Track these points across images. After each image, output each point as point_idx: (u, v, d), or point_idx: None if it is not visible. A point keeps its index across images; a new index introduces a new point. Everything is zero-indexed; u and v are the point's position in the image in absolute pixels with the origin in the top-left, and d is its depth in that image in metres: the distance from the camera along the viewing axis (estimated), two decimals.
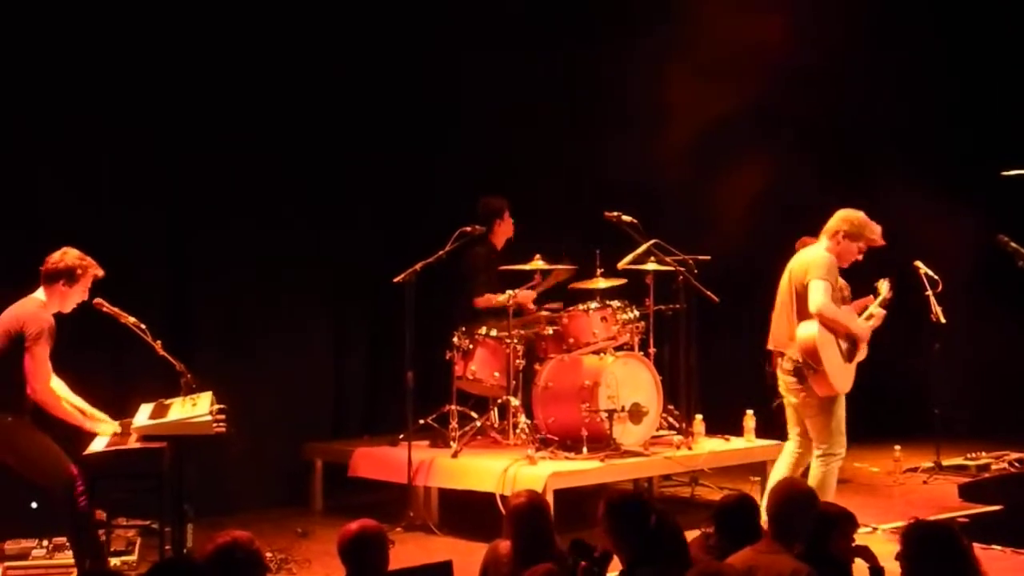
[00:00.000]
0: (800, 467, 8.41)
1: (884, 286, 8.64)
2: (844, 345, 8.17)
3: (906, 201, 11.52)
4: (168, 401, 7.53)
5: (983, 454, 10.97)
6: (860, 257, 8.24)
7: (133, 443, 7.18)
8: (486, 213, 10.00)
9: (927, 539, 4.96)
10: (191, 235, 9.91)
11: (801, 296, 8.13)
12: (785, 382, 8.28)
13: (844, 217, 8.21)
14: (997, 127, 12.59)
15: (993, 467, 10.75)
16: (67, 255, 7.36)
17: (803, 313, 8.11)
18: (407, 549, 7.08)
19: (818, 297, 8.05)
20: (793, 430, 8.46)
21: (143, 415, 7.43)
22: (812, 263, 8.17)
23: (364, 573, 5.46)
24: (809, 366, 8.07)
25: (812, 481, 8.14)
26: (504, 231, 10.10)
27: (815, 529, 5.58)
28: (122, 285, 8.19)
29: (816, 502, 5.68)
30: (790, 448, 8.50)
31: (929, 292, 10.03)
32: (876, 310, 8.50)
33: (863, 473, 11.18)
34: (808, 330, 8.09)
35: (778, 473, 8.45)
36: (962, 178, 11.53)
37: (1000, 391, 12.00)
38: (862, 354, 8.34)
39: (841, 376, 8.16)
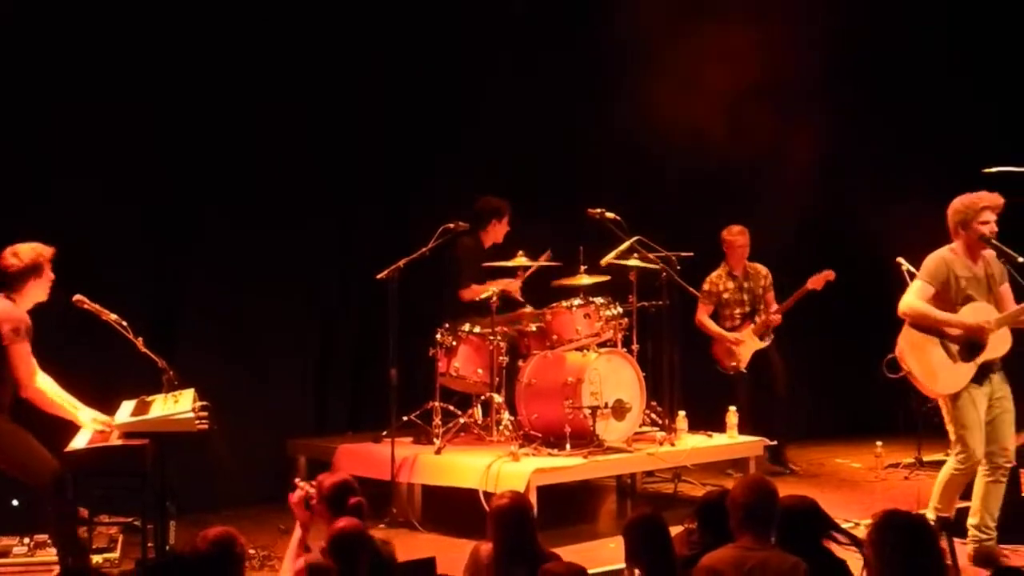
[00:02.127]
0: (986, 479, 7.99)
1: None
2: (954, 346, 7.82)
3: (889, 198, 11.57)
4: (150, 398, 7.52)
5: None
6: (993, 227, 7.80)
7: (115, 440, 7.16)
8: (486, 211, 10.00)
9: (895, 528, 4.97)
10: (173, 231, 9.88)
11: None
12: None
13: (951, 210, 7.91)
14: (980, 123, 12.62)
15: None
16: (20, 253, 7.33)
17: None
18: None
19: (904, 299, 7.88)
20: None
21: (125, 412, 7.42)
22: (922, 265, 7.97)
23: (353, 570, 5.47)
24: (907, 370, 7.96)
25: (939, 478, 8.03)
26: (497, 233, 10.10)
27: (789, 523, 5.59)
28: (103, 282, 8.20)
29: (777, 495, 5.66)
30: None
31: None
32: None
33: (845, 469, 11.22)
34: (902, 335, 7.95)
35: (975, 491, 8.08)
36: (944, 174, 11.53)
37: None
38: (994, 351, 7.86)
39: (941, 377, 7.86)
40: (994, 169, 12.35)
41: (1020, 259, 7.83)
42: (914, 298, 7.86)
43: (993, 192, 7.96)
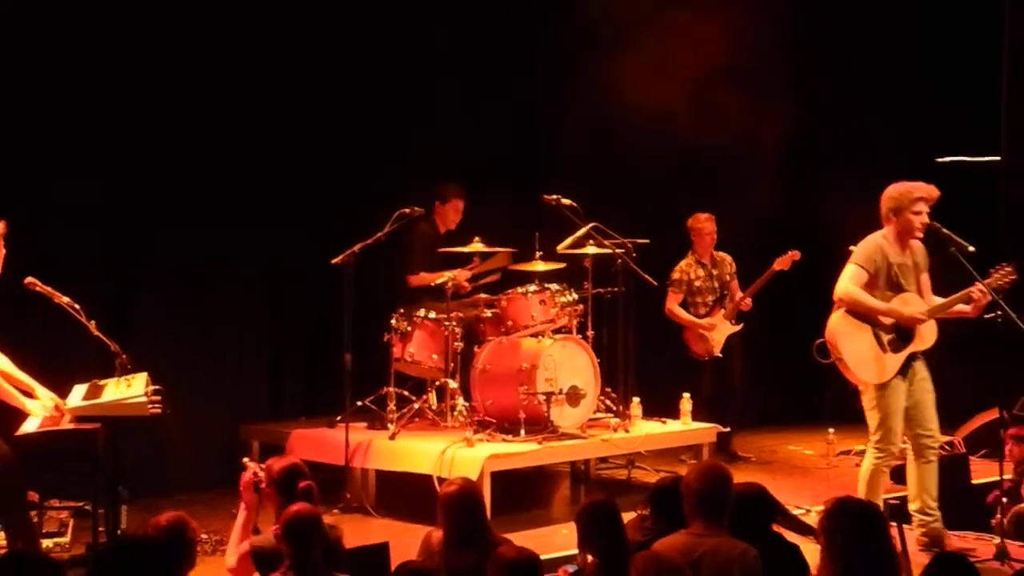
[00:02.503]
0: (920, 463, 8.06)
1: (1004, 271, 8.00)
2: (885, 335, 7.87)
3: (841, 187, 11.64)
4: (102, 382, 7.46)
5: None
6: (925, 220, 7.86)
7: (67, 424, 7.11)
8: (433, 195, 10.00)
9: (847, 516, 5.02)
10: (128, 215, 9.81)
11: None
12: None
13: (885, 196, 7.95)
14: (929, 114, 12.71)
15: None
16: None
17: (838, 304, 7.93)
18: (344, 531, 7.06)
19: (840, 283, 7.86)
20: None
21: (77, 396, 7.37)
22: (855, 249, 7.99)
23: (306, 555, 5.46)
24: (835, 355, 7.95)
25: (861, 473, 8.08)
26: (445, 217, 10.10)
27: (738, 510, 5.62)
28: (57, 266, 8.13)
29: (731, 482, 5.69)
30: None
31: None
32: (980, 289, 7.84)
33: (797, 456, 11.29)
34: (832, 318, 7.94)
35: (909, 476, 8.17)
36: (896, 165, 11.61)
37: (931, 376, 12.08)
38: (922, 342, 7.95)
39: (869, 366, 7.87)
40: (948, 159, 12.48)
41: (971, 248, 7.87)
42: (850, 284, 7.87)
43: (930, 184, 8.00)
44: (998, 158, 12.05)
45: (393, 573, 5.68)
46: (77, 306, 7.51)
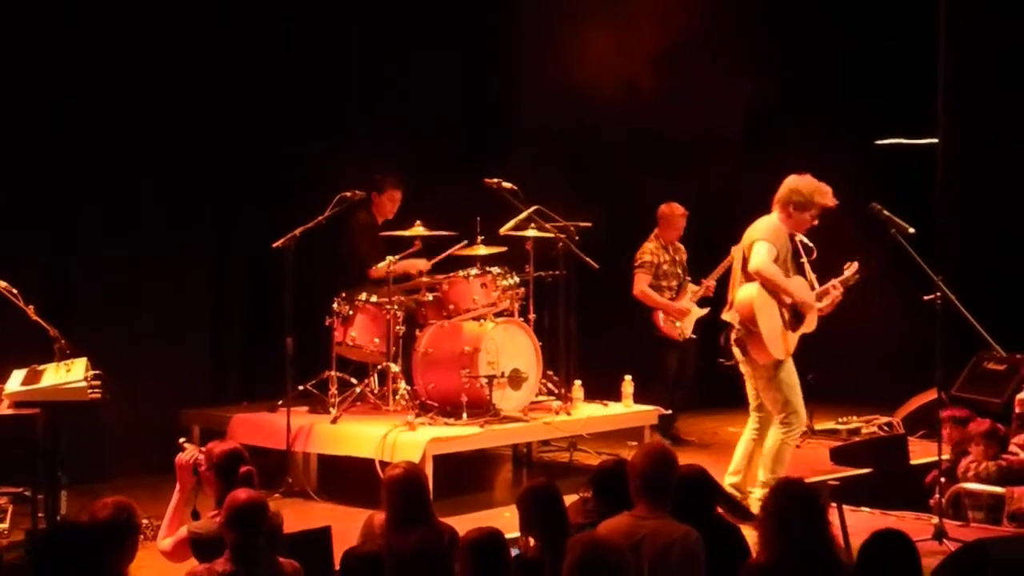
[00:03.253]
0: (762, 443, 8.36)
1: (851, 268, 8.59)
2: (787, 314, 8.10)
3: (783, 169, 11.68)
4: (41, 367, 7.41)
5: (854, 418, 11.17)
6: (815, 223, 8.14)
7: (5, 409, 7.06)
8: (370, 185, 9.96)
9: (788, 497, 5.08)
10: (70, 200, 9.73)
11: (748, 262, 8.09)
12: (736, 354, 8.26)
13: (792, 187, 8.11)
14: (871, 94, 12.79)
15: (863, 431, 10.95)
16: None
17: (750, 279, 8.11)
18: (286, 515, 7.04)
19: (758, 258, 7.99)
20: (752, 404, 8.45)
21: (15, 381, 7.31)
22: (758, 228, 8.12)
23: (251, 542, 5.45)
24: (748, 329, 8.04)
25: (766, 450, 8.18)
26: (382, 206, 10.06)
27: (680, 492, 5.65)
28: None
29: (676, 464, 5.73)
30: (749, 425, 8.50)
31: (804, 259, 10.15)
32: (835, 286, 8.46)
33: (737, 437, 11.31)
34: (746, 291, 8.07)
35: (741, 450, 8.45)
36: (834, 147, 11.69)
37: (870, 358, 12.21)
38: (809, 326, 8.26)
39: (779, 343, 8.09)
40: (886, 141, 12.58)
41: (911, 230, 7.96)
42: (768, 260, 8.01)
43: (832, 196, 8.21)
44: (935, 140, 12.16)
45: (341, 561, 5.68)
46: (15, 291, 7.45)
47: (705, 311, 10.96)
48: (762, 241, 8.05)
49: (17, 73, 9.33)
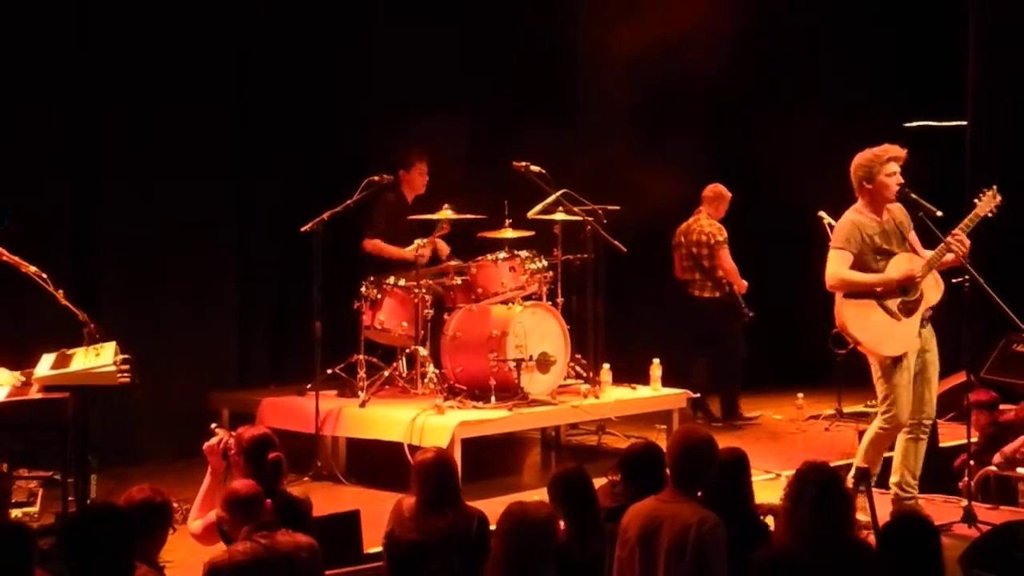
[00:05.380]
0: (916, 442, 7.98)
1: (988, 194, 7.93)
2: (892, 305, 7.74)
3: (808, 152, 11.63)
4: (71, 351, 7.42)
5: None
6: (899, 179, 7.74)
7: (35, 393, 7.07)
8: (393, 163, 9.98)
9: (811, 480, 5.07)
10: (97, 185, 9.77)
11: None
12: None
13: (853, 168, 7.82)
14: (901, 76, 12.72)
15: None
16: None
17: None
18: (315, 499, 7.07)
19: (829, 269, 7.74)
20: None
21: (45, 365, 7.31)
22: (833, 232, 7.91)
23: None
24: (855, 341, 7.83)
25: (864, 438, 8.01)
26: (412, 183, 10.09)
27: (717, 476, 5.61)
28: (25, 235, 8.06)
29: (715, 449, 5.63)
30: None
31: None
32: (955, 233, 7.75)
33: (766, 420, 11.32)
34: (836, 307, 7.81)
35: (898, 450, 8.04)
36: (863, 128, 11.64)
37: None
38: (929, 299, 7.81)
39: (887, 341, 7.75)
40: (915, 124, 12.48)
41: (938, 213, 7.86)
42: (837, 267, 7.75)
43: (895, 144, 7.91)
44: (964, 123, 12.08)
45: (383, 548, 5.76)
46: (44, 275, 7.47)
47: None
48: (832, 250, 7.80)
49: (48, 64, 9.36)
